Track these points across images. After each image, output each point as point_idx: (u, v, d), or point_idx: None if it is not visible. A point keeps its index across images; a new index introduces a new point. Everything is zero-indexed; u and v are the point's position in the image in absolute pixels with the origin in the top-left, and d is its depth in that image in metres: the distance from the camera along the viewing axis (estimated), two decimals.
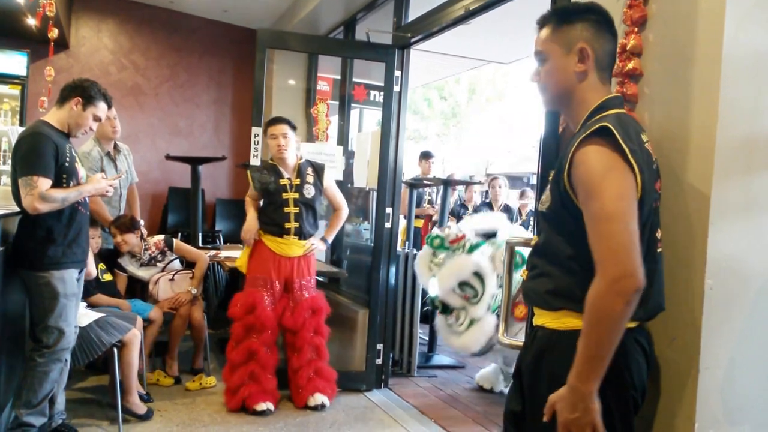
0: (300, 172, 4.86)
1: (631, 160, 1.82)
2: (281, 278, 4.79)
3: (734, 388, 2.15)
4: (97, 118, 3.88)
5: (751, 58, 2.11)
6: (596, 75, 2.03)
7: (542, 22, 2.09)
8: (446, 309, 5.43)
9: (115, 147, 5.51)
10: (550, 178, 2.09)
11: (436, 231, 5.52)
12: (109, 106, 3.97)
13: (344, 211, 5.10)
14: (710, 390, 2.12)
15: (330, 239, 5.06)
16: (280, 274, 4.79)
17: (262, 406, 4.64)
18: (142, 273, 5.33)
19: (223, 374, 4.81)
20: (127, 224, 5.16)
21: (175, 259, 5.49)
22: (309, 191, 4.84)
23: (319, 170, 4.96)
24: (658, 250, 2.00)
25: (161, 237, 5.50)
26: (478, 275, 5.18)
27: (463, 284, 5.20)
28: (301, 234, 4.81)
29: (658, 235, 1.99)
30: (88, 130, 3.91)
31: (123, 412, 4.29)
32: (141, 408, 4.41)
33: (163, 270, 5.37)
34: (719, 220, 2.08)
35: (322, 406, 4.81)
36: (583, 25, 2.02)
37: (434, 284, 5.44)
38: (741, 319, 2.14)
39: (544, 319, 2.04)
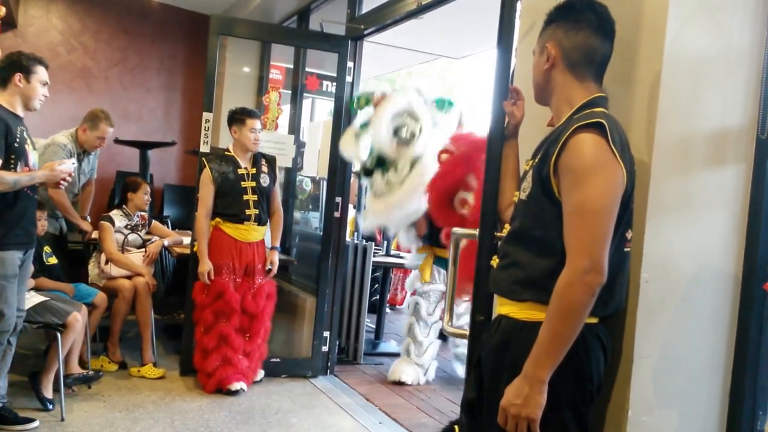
0: (255, 162, 5.02)
1: (619, 159, 1.85)
2: (242, 263, 4.91)
3: (666, 377, 2.22)
4: (44, 83, 3.91)
5: (690, 60, 2.19)
6: (569, 73, 2.06)
7: None
8: (382, 163, 5.29)
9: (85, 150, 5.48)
10: (527, 167, 2.12)
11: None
12: (46, 67, 3.95)
13: (281, 214, 5.26)
14: (645, 378, 2.18)
15: (278, 245, 5.19)
16: (241, 260, 4.91)
17: (235, 385, 4.81)
18: (122, 233, 5.38)
19: (195, 359, 4.90)
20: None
21: (147, 241, 5.56)
22: (264, 180, 5.02)
23: (271, 162, 5.15)
24: (626, 249, 2.01)
25: (146, 214, 5.66)
26: (412, 115, 5.17)
27: (398, 128, 5.16)
28: (260, 220, 4.96)
29: (629, 235, 2.01)
30: (42, 97, 3.92)
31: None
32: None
33: (142, 245, 5.48)
34: (655, 215, 2.14)
35: (260, 380, 5.18)
36: (558, 24, 2.07)
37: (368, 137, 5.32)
38: (673, 311, 2.22)
39: (509, 308, 2.05)
